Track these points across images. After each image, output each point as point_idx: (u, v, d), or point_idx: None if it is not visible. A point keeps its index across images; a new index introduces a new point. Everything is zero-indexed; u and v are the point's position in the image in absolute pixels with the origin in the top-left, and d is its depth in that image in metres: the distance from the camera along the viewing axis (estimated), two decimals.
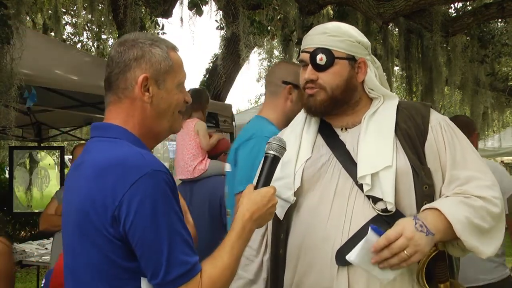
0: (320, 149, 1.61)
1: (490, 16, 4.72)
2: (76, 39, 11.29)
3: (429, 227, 1.38)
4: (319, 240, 1.49)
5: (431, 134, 1.55)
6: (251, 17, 4.72)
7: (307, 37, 1.64)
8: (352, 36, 1.60)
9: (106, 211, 1.16)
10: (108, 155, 1.22)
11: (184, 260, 1.16)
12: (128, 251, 1.17)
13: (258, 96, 25.51)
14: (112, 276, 1.19)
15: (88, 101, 4.83)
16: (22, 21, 3.40)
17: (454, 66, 5.77)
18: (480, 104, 6.89)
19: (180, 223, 1.19)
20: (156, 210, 1.14)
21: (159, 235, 1.14)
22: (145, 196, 1.14)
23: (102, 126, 1.32)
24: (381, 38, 6.20)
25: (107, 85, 1.33)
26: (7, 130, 3.22)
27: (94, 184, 1.19)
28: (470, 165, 1.53)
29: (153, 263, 1.15)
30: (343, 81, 1.57)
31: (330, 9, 6.19)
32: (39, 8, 8.45)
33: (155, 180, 1.16)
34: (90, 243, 1.20)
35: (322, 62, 1.55)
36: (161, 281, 1.15)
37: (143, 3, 4.87)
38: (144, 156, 1.20)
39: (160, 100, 1.30)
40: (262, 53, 19.16)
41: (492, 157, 12.28)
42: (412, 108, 1.61)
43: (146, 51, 1.29)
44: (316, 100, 1.58)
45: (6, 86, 3.09)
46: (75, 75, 4.16)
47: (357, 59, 1.59)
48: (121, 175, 1.16)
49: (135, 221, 1.14)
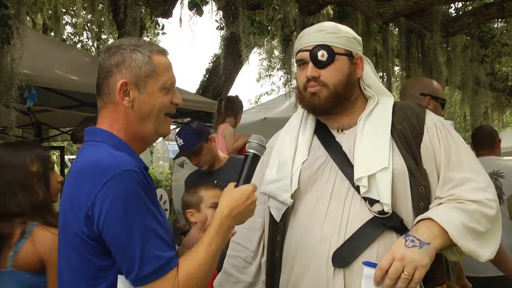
0: (317, 151, 1.61)
1: (490, 16, 4.72)
2: (76, 39, 11.28)
3: (422, 238, 1.37)
4: (315, 242, 1.49)
5: (426, 135, 1.54)
6: (251, 17, 4.73)
7: (303, 36, 1.64)
8: (348, 33, 1.62)
9: (80, 212, 1.21)
10: (86, 158, 1.29)
11: (158, 255, 1.20)
12: (103, 249, 1.22)
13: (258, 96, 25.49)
14: (90, 275, 1.24)
15: (88, 101, 4.83)
16: (22, 21, 3.41)
17: (454, 66, 5.77)
18: (481, 104, 6.88)
19: (154, 219, 1.23)
20: (127, 209, 1.19)
21: (131, 232, 1.19)
22: (116, 195, 1.19)
23: (91, 130, 1.38)
24: (381, 38, 6.20)
25: (97, 91, 1.39)
26: (8, 130, 3.23)
27: (73, 187, 1.26)
28: (465, 166, 1.52)
29: (127, 260, 1.19)
30: (345, 77, 1.57)
31: (330, 9, 6.19)
32: (39, 8, 8.45)
33: (125, 180, 1.20)
34: (69, 244, 1.27)
35: (324, 58, 1.55)
36: (135, 277, 1.19)
37: (143, 3, 4.87)
38: (116, 157, 1.25)
39: (142, 103, 1.33)
40: (262, 53, 19.19)
41: None
42: (408, 108, 1.60)
43: (126, 56, 1.33)
44: (320, 98, 1.57)
45: (6, 86, 3.10)
46: (75, 75, 4.17)
47: (354, 55, 1.61)
48: (94, 176, 1.21)
49: (107, 219, 1.18)
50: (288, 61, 6.01)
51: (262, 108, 8.91)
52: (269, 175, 1.65)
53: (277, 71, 20.31)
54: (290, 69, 5.97)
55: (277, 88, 21.84)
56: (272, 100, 9.58)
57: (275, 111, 7.78)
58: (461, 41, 5.58)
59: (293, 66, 6.07)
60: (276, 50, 16.17)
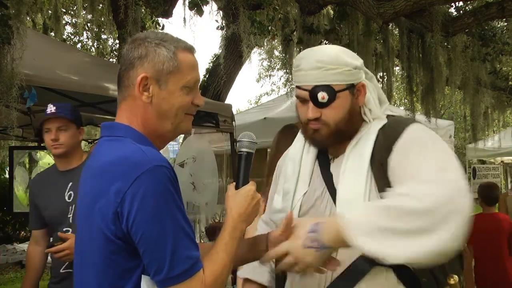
0: (315, 181, 1.60)
1: (491, 16, 4.73)
2: (76, 39, 11.30)
3: (325, 240, 1.32)
4: (309, 278, 1.48)
5: (392, 158, 1.44)
6: (252, 17, 4.73)
7: (300, 71, 1.54)
8: (348, 64, 1.51)
9: (108, 209, 1.16)
10: (112, 153, 1.23)
11: (188, 255, 1.16)
12: (130, 249, 1.17)
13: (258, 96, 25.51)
14: (114, 276, 1.19)
15: (88, 101, 4.82)
16: (23, 21, 3.40)
17: (454, 66, 5.77)
18: (481, 103, 6.87)
19: (183, 217, 1.18)
20: (158, 206, 1.14)
21: (162, 231, 1.14)
22: (147, 192, 1.14)
23: (110, 125, 1.34)
24: (381, 38, 6.20)
25: (117, 82, 1.34)
26: (8, 130, 3.22)
27: (98, 183, 1.21)
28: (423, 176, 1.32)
29: (157, 259, 1.15)
30: (346, 113, 1.52)
31: (330, 9, 6.20)
32: (39, 8, 8.45)
33: (157, 176, 1.16)
34: (91, 243, 1.21)
35: (325, 100, 1.49)
36: (165, 277, 1.15)
37: (144, 3, 4.87)
38: (145, 152, 1.20)
39: (161, 100, 1.28)
40: (262, 53, 19.20)
41: (492, 157, 12.29)
42: (392, 129, 1.51)
43: (150, 50, 1.28)
44: (322, 135, 1.53)
45: (7, 86, 3.09)
46: (75, 75, 4.16)
47: (356, 84, 1.54)
48: (123, 172, 1.16)
49: (137, 217, 1.13)
50: (288, 61, 6.01)
51: (262, 108, 8.91)
52: (276, 203, 1.68)
53: (277, 71, 20.36)
54: (290, 69, 5.97)
55: (277, 88, 21.88)
56: (272, 100, 9.59)
57: (275, 111, 7.78)
58: (461, 40, 5.58)
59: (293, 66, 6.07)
60: (276, 50, 16.17)
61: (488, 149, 11.09)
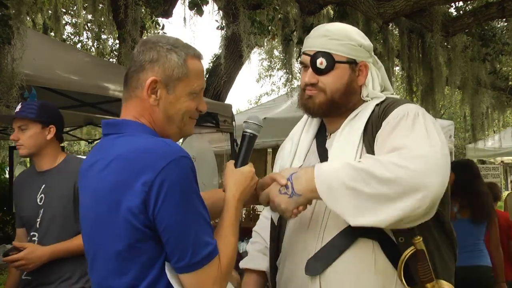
0: (310, 157, 1.62)
1: (491, 16, 4.73)
2: (76, 39, 11.31)
3: (296, 189, 1.39)
4: (300, 249, 1.51)
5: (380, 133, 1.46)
6: (252, 17, 4.73)
7: (308, 38, 1.63)
8: (353, 40, 1.57)
9: (136, 198, 1.19)
10: (135, 145, 1.25)
11: (207, 241, 1.22)
12: (155, 237, 1.21)
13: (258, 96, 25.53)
14: (141, 264, 1.22)
15: (88, 101, 4.82)
16: (23, 21, 3.41)
17: (454, 66, 5.77)
18: (481, 103, 6.87)
19: (202, 204, 1.24)
20: (184, 194, 1.20)
21: (187, 219, 1.20)
22: (174, 181, 1.18)
23: (115, 122, 1.35)
24: (381, 38, 6.20)
25: (124, 81, 1.37)
26: (9, 130, 3.22)
27: (121, 175, 1.22)
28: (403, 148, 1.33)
29: (180, 247, 1.19)
30: (343, 85, 1.56)
31: (331, 9, 6.20)
32: (39, 8, 8.46)
33: (181, 166, 1.21)
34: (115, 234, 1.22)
35: (322, 66, 1.54)
36: (187, 263, 1.20)
37: (144, 3, 4.87)
38: (170, 144, 1.25)
39: (168, 104, 1.33)
40: (262, 53, 19.21)
41: (492, 157, 12.31)
42: (387, 105, 1.53)
43: (162, 55, 1.32)
44: (314, 102, 1.57)
45: (7, 86, 3.10)
46: (75, 75, 4.16)
47: (358, 62, 1.58)
48: (150, 161, 1.20)
49: (164, 205, 1.17)
50: (288, 61, 6.01)
51: (262, 108, 8.91)
52: None
53: (277, 71, 20.37)
54: (291, 69, 5.98)
55: (277, 88, 21.91)
56: (272, 100, 9.59)
57: (275, 111, 7.78)
58: (461, 40, 5.58)
59: (293, 66, 6.08)
60: (276, 50, 16.17)
61: (488, 149, 11.11)
